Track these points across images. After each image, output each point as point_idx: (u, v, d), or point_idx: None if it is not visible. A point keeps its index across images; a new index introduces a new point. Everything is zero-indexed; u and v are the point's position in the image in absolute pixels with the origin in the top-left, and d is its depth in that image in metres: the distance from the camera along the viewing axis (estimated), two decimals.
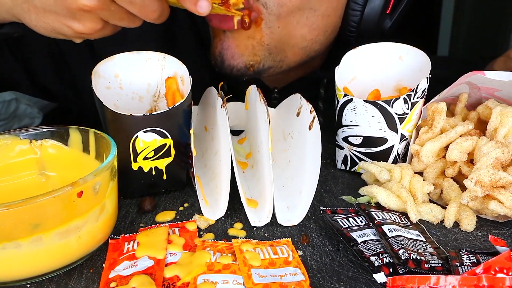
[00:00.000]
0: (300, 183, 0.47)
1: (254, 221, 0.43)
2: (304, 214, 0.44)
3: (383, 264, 0.36)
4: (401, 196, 0.45)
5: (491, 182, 0.42)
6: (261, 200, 0.45)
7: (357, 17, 0.64)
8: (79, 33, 0.48)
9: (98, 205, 0.37)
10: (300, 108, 0.52)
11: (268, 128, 0.45)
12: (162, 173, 0.48)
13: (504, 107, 0.48)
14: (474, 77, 0.50)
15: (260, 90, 0.51)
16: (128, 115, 0.44)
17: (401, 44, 0.57)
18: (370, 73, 0.58)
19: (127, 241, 0.40)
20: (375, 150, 0.53)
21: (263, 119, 0.47)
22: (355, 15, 0.64)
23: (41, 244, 0.34)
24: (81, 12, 0.45)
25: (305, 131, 0.49)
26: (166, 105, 0.53)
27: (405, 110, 0.51)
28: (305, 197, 0.45)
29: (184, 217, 0.46)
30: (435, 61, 0.54)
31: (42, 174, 0.46)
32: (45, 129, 0.45)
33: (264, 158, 0.46)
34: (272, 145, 0.45)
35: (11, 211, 0.32)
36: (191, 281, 0.35)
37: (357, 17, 0.64)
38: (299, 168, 0.48)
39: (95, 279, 0.37)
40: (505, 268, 0.33)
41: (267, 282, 0.35)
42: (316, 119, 0.48)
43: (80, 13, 0.45)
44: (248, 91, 0.56)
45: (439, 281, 0.33)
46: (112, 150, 0.40)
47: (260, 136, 0.48)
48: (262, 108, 0.48)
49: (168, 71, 0.52)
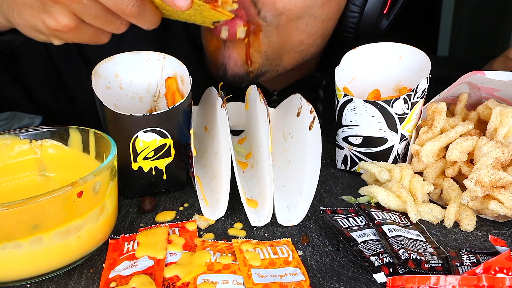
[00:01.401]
0: (300, 183, 0.47)
1: (254, 221, 0.43)
2: (304, 214, 0.44)
3: (383, 264, 0.36)
4: (401, 196, 0.45)
5: (491, 182, 0.42)
6: (261, 200, 0.45)
7: (355, 18, 0.64)
8: (52, 30, 0.46)
9: (98, 205, 0.37)
10: (300, 108, 0.52)
11: (268, 128, 0.45)
12: (162, 173, 0.48)
13: (504, 107, 0.48)
14: (474, 77, 0.50)
15: (260, 90, 0.51)
16: (128, 115, 0.44)
17: (401, 44, 0.57)
18: (370, 73, 0.58)
19: (127, 241, 0.40)
20: (375, 150, 0.53)
21: (263, 119, 0.47)
22: (354, 16, 0.64)
23: (41, 244, 0.34)
24: (51, 3, 0.43)
25: (305, 131, 0.49)
26: (166, 105, 0.53)
27: (405, 110, 0.51)
28: (305, 197, 0.45)
29: (184, 217, 0.46)
30: (435, 61, 0.54)
31: (42, 174, 0.46)
32: (45, 129, 0.45)
33: (264, 158, 0.46)
34: (272, 145, 0.45)
35: (11, 211, 0.32)
36: (191, 281, 0.35)
37: (355, 18, 0.64)
38: (299, 168, 0.48)
39: (95, 279, 0.37)
40: (505, 268, 0.33)
41: (267, 282, 0.35)
42: (317, 119, 0.48)
43: (51, 5, 0.44)
44: (248, 91, 0.56)
45: (439, 281, 0.33)
46: (112, 150, 0.40)
47: (260, 136, 0.48)
48: (262, 108, 0.48)
49: (168, 71, 0.52)
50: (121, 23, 0.47)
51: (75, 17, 0.45)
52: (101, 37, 0.49)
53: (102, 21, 0.45)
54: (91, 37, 0.48)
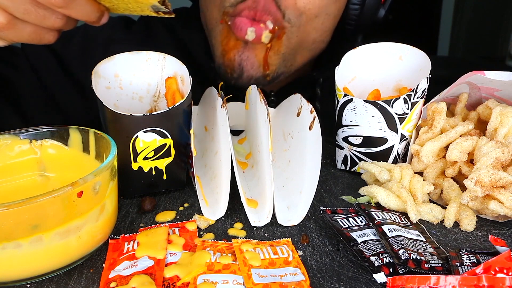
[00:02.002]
0: (300, 183, 0.47)
1: (254, 221, 0.43)
2: (304, 214, 0.44)
3: (383, 264, 0.36)
4: (401, 196, 0.45)
5: (491, 182, 0.42)
6: (261, 200, 0.45)
7: (357, 10, 0.65)
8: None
9: (98, 205, 0.37)
10: (300, 108, 0.52)
11: (268, 128, 0.45)
12: (162, 173, 0.48)
13: (504, 107, 0.48)
14: (474, 77, 0.50)
15: (260, 90, 0.51)
16: (128, 115, 0.44)
17: (401, 44, 0.57)
18: (370, 73, 0.58)
19: (127, 241, 0.40)
20: (375, 150, 0.53)
21: (263, 119, 0.47)
22: (355, 8, 0.65)
23: (41, 244, 0.34)
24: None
25: (305, 131, 0.49)
26: (166, 105, 0.53)
27: (405, 110, 0.51)
28: (305, 197, 0.45)
29: (184, 217, 0.46)
30: (435, 61, 0.54)
31: (42, 174, 0.46)
32: (45, 129, 0.45)
33: (264, 158, 0.46)
34: (272, 145, 0.45)
35: (11, 211, 0.32)
36: (191, 281, 0.35)
37: (357, 10, 0.66)
38: (299, 168, 0.48)
39: (95, 279, 0.37)
40: (505, 268, 0.33)
41: (267, 282, 0.35)
42: (317, 119, 0.48)
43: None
44: (248, 91, 0.56)
45: (439, 281, 0.33)
46: (112, 150, 0.40)
47: (260, 136, 0.48)
48: (262, 108, 0.48)
49: (168, 71, 0.52)
50: (56, 17, 0.45)
51: (6, 13, 0.43)
52: (45, 36, 0.47)
53: (34, 16, 0.44)
54: (32, 36, 0.46)
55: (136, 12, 0.51)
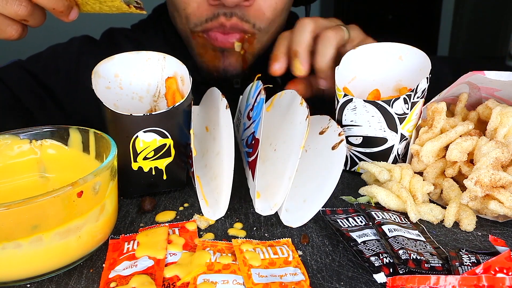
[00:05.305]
0: (304, 192, 0.47)
1: (258, 208, 0.43)
2: (305, 221, 0.44)
3: (383, 264, 0.36)
4: (401, 196, 0.45)
5: (491, 182, 0.42)
6: (264, 193, 0.45)
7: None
8: None
9: (98, 205, 0.37)
10: (326, 128, 0.52)
11: (305, 129, 0.45)
12: (162, 173, 0.48)
13: (504, 107, 0.48)
14: (474, 77, 0.50)
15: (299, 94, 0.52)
16: (128, 115, 0.44)
17: (401, 44, 0.57)
18: (370, 73, 0.58)
19: (127, 241, 0.40)
20: (375, 150, 0.53)
21: (299, 121, 0.48)
22: None
23: (41, 244, 0.34)
24: None
25: (327, 149, 0.50)
26: (166, 105, 0.53)
27: (405, 110, 0.51)
28: (309, 206, 0.45)
29: (184, 217, 0.46)
30: (435, 61, 0.54)
31: (42, 174, 0.46)
32: (45, 129, 0.45)
33: (293, 153, 0.46)
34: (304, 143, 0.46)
35: (11, 211, 0.32)
36: (191, 281, 0.35)
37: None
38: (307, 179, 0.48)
39: (95, 279, 0.37)
40: (505, 268, 0.33)
41: (267, 282, 0.35)
42: (344, 142, 0.48)
43: None
44: (280, 94, 0.57)
45: (439, 281, 0.33)
46: (112, 150, 0.40)
47: (288, 135, 0.48)
48: (303, 110, 0.48)
49: (168, 71, 0.52)
50: (19, 3, 0.44)
51: None
52: (6, 28, 0.46)
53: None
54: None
55: (107, 6, 0.51)
